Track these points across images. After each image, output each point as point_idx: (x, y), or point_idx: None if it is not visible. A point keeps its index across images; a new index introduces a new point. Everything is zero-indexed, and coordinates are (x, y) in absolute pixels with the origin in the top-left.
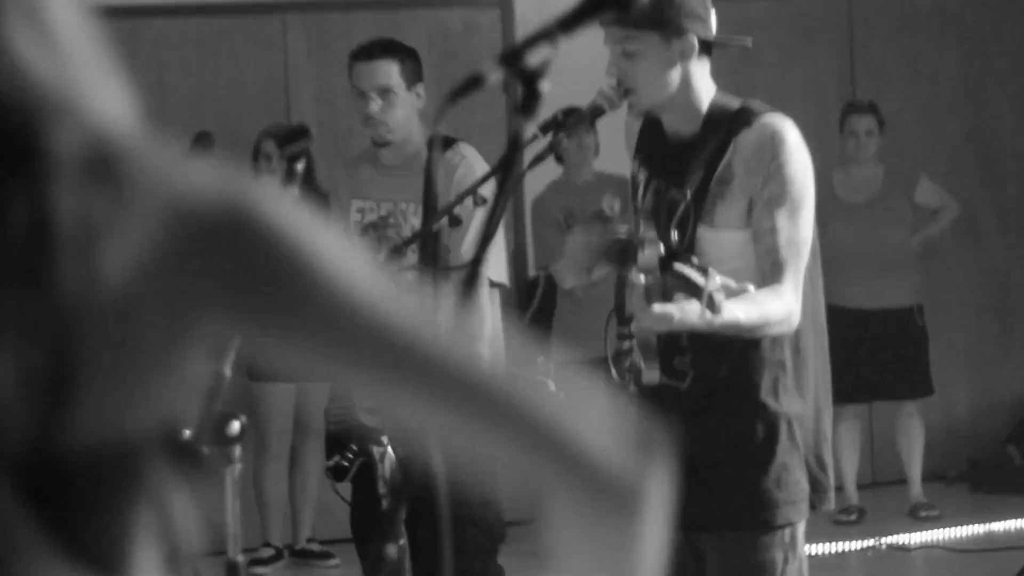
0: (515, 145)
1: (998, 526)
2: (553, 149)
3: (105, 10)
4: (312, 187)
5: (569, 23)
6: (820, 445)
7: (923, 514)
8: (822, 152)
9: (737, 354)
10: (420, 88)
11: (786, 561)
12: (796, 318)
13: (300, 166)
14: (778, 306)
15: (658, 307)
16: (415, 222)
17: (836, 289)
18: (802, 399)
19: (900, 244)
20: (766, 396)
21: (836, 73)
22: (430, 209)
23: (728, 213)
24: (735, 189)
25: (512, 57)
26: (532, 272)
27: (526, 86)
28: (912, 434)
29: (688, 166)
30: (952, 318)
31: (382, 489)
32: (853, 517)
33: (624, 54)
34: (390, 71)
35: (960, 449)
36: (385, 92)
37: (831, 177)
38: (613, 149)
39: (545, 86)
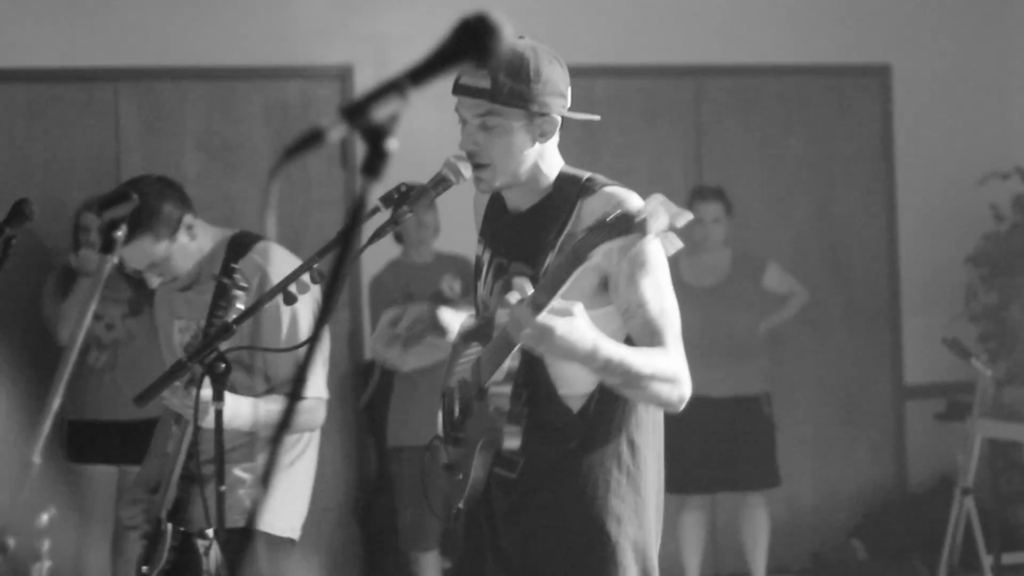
0: (359, 207)
1: None
2: (396, 223)
3: None
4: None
5: (420, 74)
6: (644, 547)
7: None
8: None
9: (572, 444)
10: (186, 221)
11: None
12: (686, 385)
13: (120, 234)
14: (666, 363)
15: (541, 317)
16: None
17: None
18: (637, 496)
19: (748, 330)
20: (596, 496)
21: (682, 155)
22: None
23: (577, 290)
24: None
25: (356, 111)
26: (369, 354)
27: (371, 143)
28: (757, 526)
29: (531, 239)
30: (797, 408)
31: None
32: None
33: (483, 127)
34: (146, 249)
35: (804, 543)
36: (154, 267)
37: (678, 262)
38: (454, 228)
39: (392, 144)
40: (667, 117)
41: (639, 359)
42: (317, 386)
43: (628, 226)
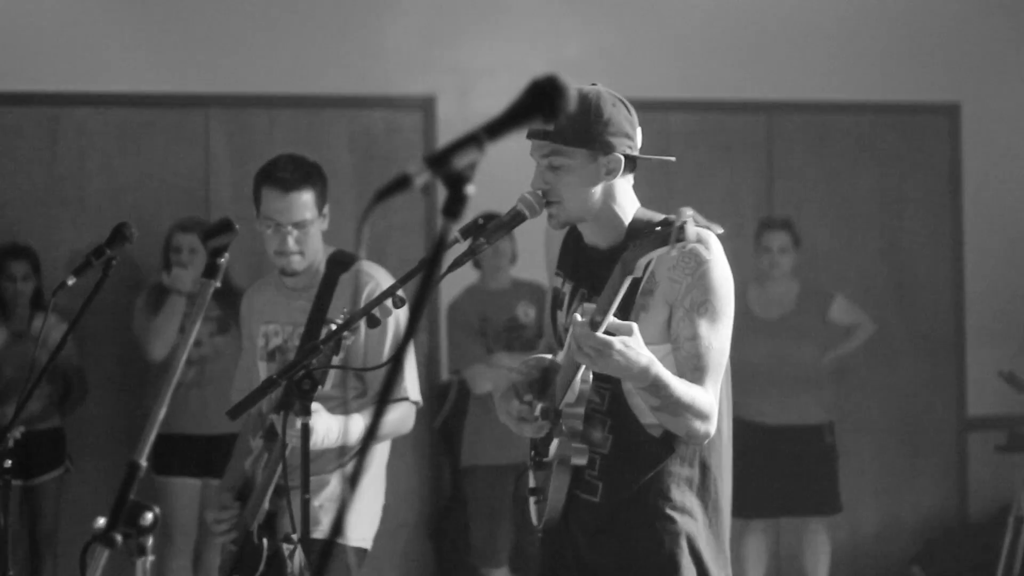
0: (440, 246)
1: None
2: (473, 253)
3: (28, 97)
4: (227, 285)
5: (495, 129)
6: (723, 563)
7: None
8: (738, 267)
9: (652, 473)
10: (326, 209)
11: None
12: (714, 424)
13: (223, 260)
14: (703, 399)
15: (600, 336)
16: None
17: (747, 404)
18: (714, 514)
19: (812, 361)
20: (674, 512)
21: (753, 189)
22: (318, 318)
23: (650, 323)
24: (657, 299)
25: (439, 160)
26: (445, 376)
27: (451, 189)
28: (818, 551)
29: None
30: (861, 437)
31: None
32: None
33: (550, 167)
34: (307, 203)
35: (866, 569)
36: (301, 225)
37: (746, 292)
38: (530, 256)
39: (470, 189)
40: (739, 151)
41: (681, 388)
42: (412, 389)
43: (667, 235)
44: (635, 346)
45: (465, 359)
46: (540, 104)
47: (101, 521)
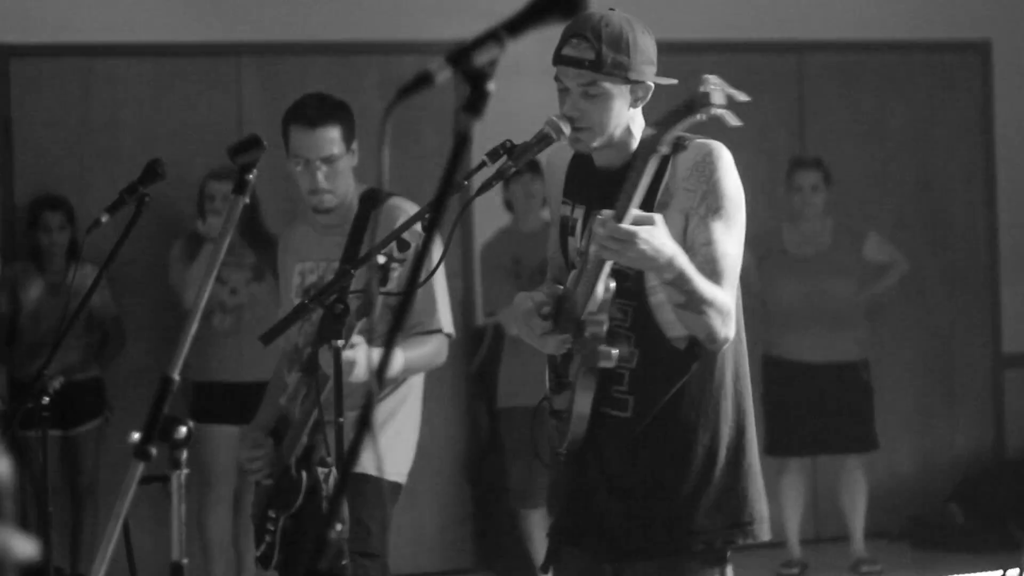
0: (462, 142)
1: None
2: (501, 175)
3: (61, 48)
4: (258, 230)
5: (516, 26)
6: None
7: (865, 569)
8: (771, 207)
9: (680, 383)
10: (355, 144)
11: None
12: (732, 326)
13: (252, 177)
14: (724, 298)
15: (624, 226)
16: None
17: (783, 341)
18: (744, 419)
19: (847, 298)
20: (706, 424)
21: (785, 129)
22: (352, 254)
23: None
24: (673, 210)
25: (460, 56)
26: (480, 320)
27: (473, 85)
28: (855, 489)
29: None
30: (897, 375)
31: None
32: (795, 571)
33: (585, 95)
34: (334, 138)
35: (903, 507)
36: (329, 160)
37: (780, 231)
38: None
39: (491, 86)
40: (770, 92)
41: (704, 283)
42: (445, 321)
43: (692, 105)
44: (660, 235)
45: (499, 301)
46: (559, 2)
47: (136, 436)
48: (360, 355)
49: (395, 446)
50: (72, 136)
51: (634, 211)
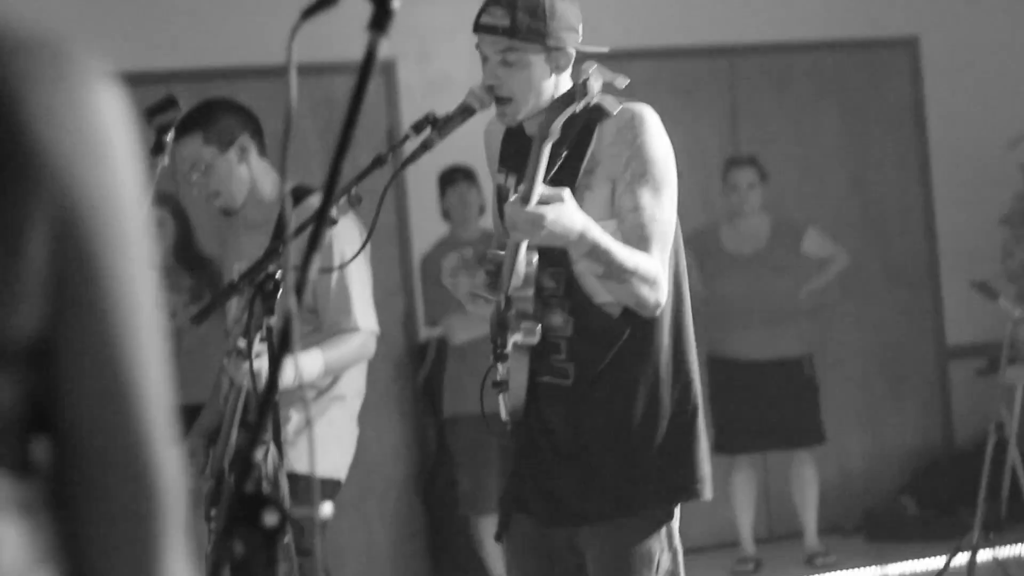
0: (367, 64)
1: (894, 568)
2: (425, 147)
3: None
4: (194, 253)
5: None
6: (700, 426)
7: (819, 562)
8: (707, 209)
9: (616, 347)
10: (242, 141)
11: (663, 550)
12: (663, 292)
13: (169, 137)
14: (649, 264)
15: (530, 207)
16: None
17: (725, 341)
18: (688, 377)
19: (788, 294)
20: (646, 386)
21: (718, 132)
22: (273, 248)
23: (595, 203)
24: (599, 176)
25: None
26: (423, 330)
27: (377, 2)
28: (806, 483)
29: (559, 165)
30: (843, 370)
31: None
32: (750, 567)
33: (503, 62)
34: (196, 146)
35: (855, 501)
36: (199, 167)
37: (718, 231)
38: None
39: (396, 3)
40: (703, 97)
41: (624, 252)
42: (362, 318)
43: (573, 95)
44: (568, 212)
45: (440, 311)
46: None
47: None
48: (265, 365)
49: (328, 443)
50: None
51: (541, 189)
